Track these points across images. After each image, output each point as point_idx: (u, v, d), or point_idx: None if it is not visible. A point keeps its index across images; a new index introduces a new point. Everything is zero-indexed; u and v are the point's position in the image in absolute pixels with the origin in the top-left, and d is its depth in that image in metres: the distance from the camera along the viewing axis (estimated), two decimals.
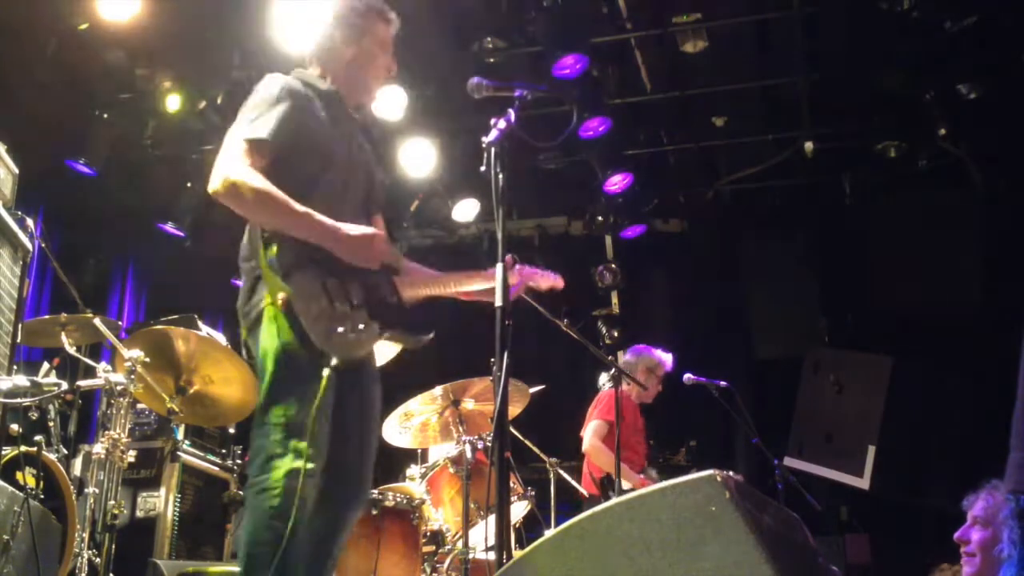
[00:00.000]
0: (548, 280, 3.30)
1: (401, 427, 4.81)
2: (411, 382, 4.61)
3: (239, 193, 2.55)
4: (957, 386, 6.66)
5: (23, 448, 3.55)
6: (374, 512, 4.10)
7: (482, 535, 4.55)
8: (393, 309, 2.77)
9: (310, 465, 2.50)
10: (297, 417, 2.50)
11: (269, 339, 2.58)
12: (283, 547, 2.42)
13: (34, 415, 4.11)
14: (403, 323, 2.77)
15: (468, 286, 3.05)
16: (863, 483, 6.42)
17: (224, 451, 5.53)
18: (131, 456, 4.00)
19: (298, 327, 2.53)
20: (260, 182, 2.56)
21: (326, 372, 2.50)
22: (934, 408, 6.64)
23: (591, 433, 5.67)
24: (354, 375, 2.73)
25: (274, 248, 2.58)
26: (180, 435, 5.14)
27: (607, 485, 5.52)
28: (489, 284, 2.96)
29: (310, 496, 2.54)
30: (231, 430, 5.61)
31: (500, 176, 2.77)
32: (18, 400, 3.17)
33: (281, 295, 2.53)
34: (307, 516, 2.54)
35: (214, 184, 2.58)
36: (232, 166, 2.58)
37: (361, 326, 2.59)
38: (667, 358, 5.97)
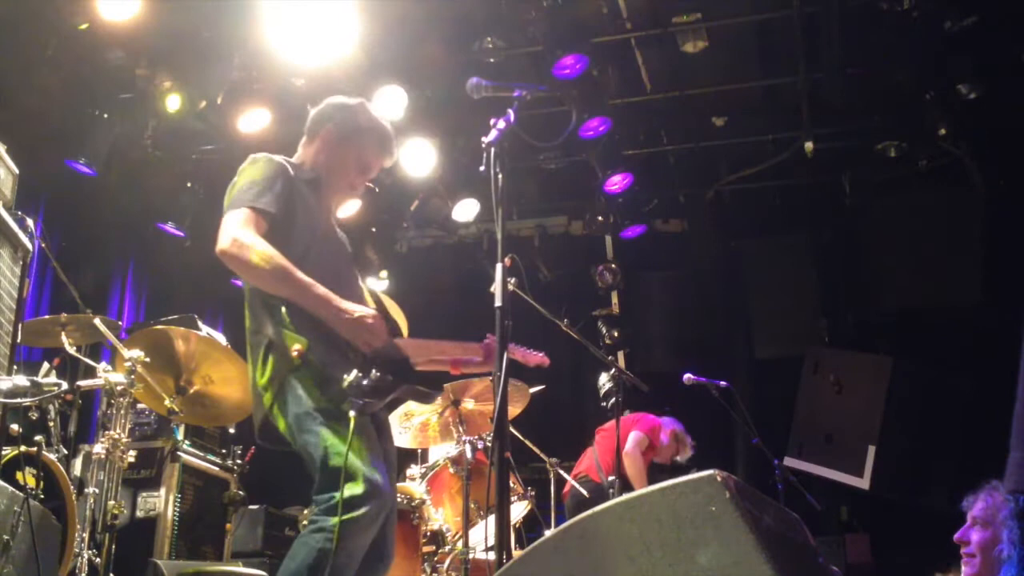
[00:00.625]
0: (535, 358, 3.38)
1: (401, 427, 4.81)
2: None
3: (248, 256, 2.61)
4: (957, 386, 6.66)
5: (23, 448, 3.55)
6: None
7: (482, 535, 4.55)
8: (401, 365, 2.81)
9: (371, 509, 2.52)
10: (352, 464, 2.53)
11: (303, 404, 2.61)
12: None
13: (34, 415, 4.11)
14: (412, 378, 2.81)
15: (454, 356, 3.18)
16: (863, 483, 6.42)
17: (224, 451, 5.53)
18: (131, 456, 4.00)
19: (319, 375, 2.60)
20: (269, 248, 2.63)
21: (352, 415, 2.54)
22: (934, 408, 6.64)
23: (634, 442, 5.79)
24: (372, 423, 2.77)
25: (284, 309, 2.66)
26: (180, 435, 5.14)
27: (609, 488, 5.54)
28: (474, 360, 3.18)
29: (364, 546, 2.57)
30: (231, 430, 5.61)
31: (500, 176, 2.77)
32: (18, 400, 3.16)
33: (297, 347, 2.60)
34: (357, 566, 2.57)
35: (223, 244, 2.63)
36: (241, 230, 2.64)
37: (376, 373, 2.62)
38: (691, 446, 6.21)
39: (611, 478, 5.51)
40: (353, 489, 2.50)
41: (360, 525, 2.50)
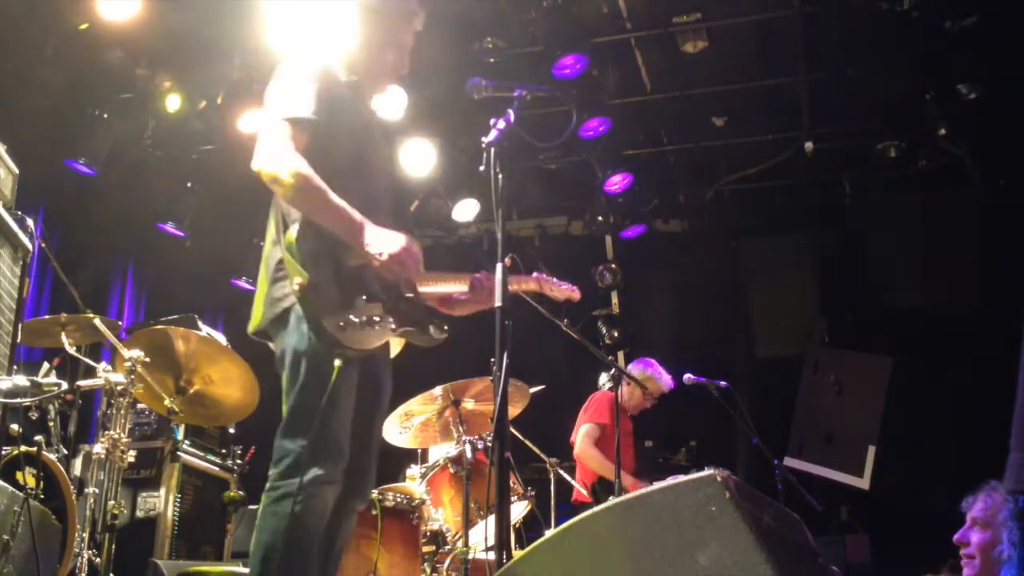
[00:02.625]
0: (564, 291, 3.29)
1: (401, 427, 4.81)
2: (411, 382, 4.61)
3: (284, 179, 2.53)
4: (957, 386, 6.66)
5: (23, 448, 3.55)
6: (374, 512, 4.10)
7: (482, 535, 4.55)
8: (409, 305, 2.74)
9: (332, 469, 2.50)
10: (321, 419, 2.49)
11: (297, 339, 2.56)
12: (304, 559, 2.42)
13: (34, 415, 4.11)
14: (418, 320, 2.74)
15: (459, 285, 3.02)
16: (863, 483, 6.42)
17: (224, 451, 5.53)
18: (131, 456, 3.99)
19: (314, 316, 2.51)
20: (307, 170, 2.54)
21: (337, 363, 2.48)
22: (934, 408, 6.64)
23: (583, 437, 5.67)
24: (367, 363, 2.71)
25: (295, 232, 2.56)
26: (180, 435, 5.14)
27: (599, 491, 5.53)
28: (460, 296, 2.98)
29: (330, 503, 2.55)
30: (231, 430, 5.61)
31: (500, 176, 2.76)
32: (18, 400, 3.17)
33: (298, 280, 2.50)
34: (325, 524, 2.54)
35: (259, 164, 2.57)
36: (278, 149, 2.56)
37: (376, 318, 2.56)
38: (665, 378, 5.98)
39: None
40: (315, 448, 2.47)
41: (322, 486, 2.49)
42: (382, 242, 2.60)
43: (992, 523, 2.99)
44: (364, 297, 2.60)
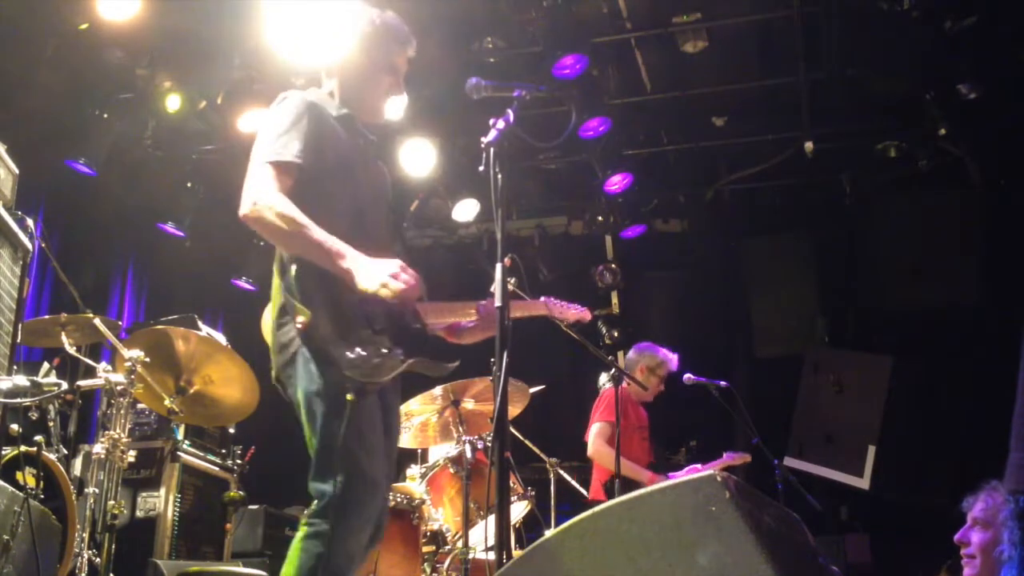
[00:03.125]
0: (574, 314, 3.29)
1: (401, 427, 4.81)
2: (411, 382, 4.61)
3: (267, 220, 2.53)
4: (957, 386, 6.66)
5: (23, 448, 3.55)
6: None
7: (482, 535, 4.55)
8: (416, 335, 2.73)
9: (367, 509, 2.48)
10: (348, 456, 2.47)
11: (307, 381, 2.55)
12: None
13: (34, 415, 4.11)
14: (426, 350, 2.72)
15: (465, 314, 3.01)
16: (863, 483, 6.42)
17: (224, 451, 5.53)
18: (131, 456, 3.99)
19: (320, 354, 2.50)
20: (289, 210, 2.54)
21: (349, 398, 2.47)
22: (934, 408, 6.65)
23: (595, 436, 5.66)
24: (381, 395, 2.69)
25: (295, 269, 2.55)
26: (180, 435, 5.14)
27: (610, 488, 5.52)
28: (467, 325, 2.97)
29: (364, 544, 2.52)
30: (231, 430, 5.61)
31: (499, 176, 2.76)
32: (18, 400, 3.17)
33: (301, 318, 2.49)
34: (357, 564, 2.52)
35: (244, 209, 2.57)
36: (261, 192, 2.56)
37: (384, 351, 2.54)
38: (671, 357, 5.94)
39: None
40: (347, 487, 2.44)
41: (355, 526, 2.46)
42: (373, 272, 2.56)
43: (993, 523, 2.99)
44: (370, 330, 2.57)
